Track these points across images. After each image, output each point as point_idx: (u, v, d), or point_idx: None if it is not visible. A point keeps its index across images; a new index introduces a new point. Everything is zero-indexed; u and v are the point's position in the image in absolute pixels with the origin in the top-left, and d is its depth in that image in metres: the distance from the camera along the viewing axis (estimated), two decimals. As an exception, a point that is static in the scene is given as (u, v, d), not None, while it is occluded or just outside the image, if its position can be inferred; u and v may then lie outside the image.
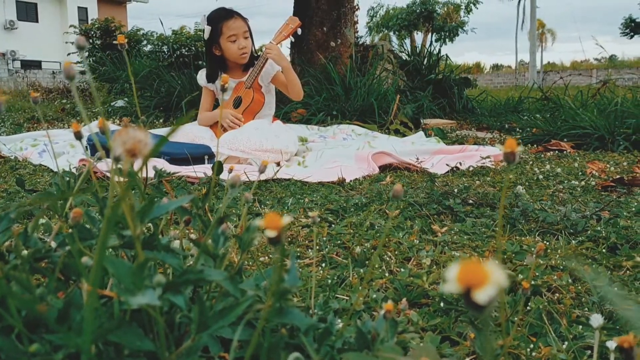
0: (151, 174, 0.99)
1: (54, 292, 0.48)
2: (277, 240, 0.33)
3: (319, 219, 0.92)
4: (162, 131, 3.19)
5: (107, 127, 0.61)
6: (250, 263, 1.10)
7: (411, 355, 0.46)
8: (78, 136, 0.61)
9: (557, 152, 3.16)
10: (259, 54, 2.97)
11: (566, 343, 0.75)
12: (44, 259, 0.55)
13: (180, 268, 0.53)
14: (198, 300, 0.44)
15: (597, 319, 0.56)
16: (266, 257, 1.13)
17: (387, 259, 1.13)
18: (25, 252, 0.62)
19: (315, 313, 0.73)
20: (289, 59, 5.97)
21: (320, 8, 5.27)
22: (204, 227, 0.67)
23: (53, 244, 0.65)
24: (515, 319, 0.83)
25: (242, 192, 1.74)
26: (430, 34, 28.29)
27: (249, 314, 0.55)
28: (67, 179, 0.77)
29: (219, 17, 2.82)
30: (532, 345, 0.73)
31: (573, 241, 1.26)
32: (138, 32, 10.74)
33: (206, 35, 2.84)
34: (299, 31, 2.95)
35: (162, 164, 2.20)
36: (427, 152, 2.76)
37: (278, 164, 2.56)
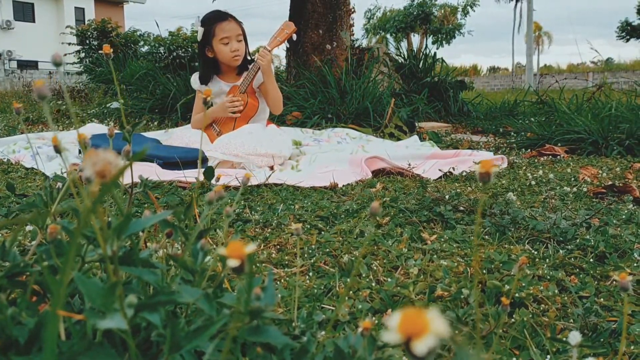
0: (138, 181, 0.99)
1: (27, 310, 0.48)
2: (240, 269, 0.33)
3: (302, 231, 0.91)
4: (155, 134, 3.19)
5: (87, 139, 0.61)
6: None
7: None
8: (57, 150, 0.61)
9: (550, 157, 3.17)
10: (253, 57, 2.97)
11: (549, 357, 0.75)
12: (22, 274, 0.54)
13: (157, 284, 0.53)
14: (170, 320, 0.44)
15: (575, 337, 0.56)
16: (252, 266, 1.13)
17: (375, 267, 1.13)
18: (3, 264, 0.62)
19: (297, 326, 0.73)
20: (284, 62, 5.96)
21: (316, 11, 5.27)
22: (186, 240, 0.67)
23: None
24: (501, 331, 0.83)
25: (231, 199, 1.74)
26: (427, 36, 28.31)
27: (226, 332, 0.55)
28: (50, 189, 0.77)
29: (213, 19, 2.82)
30: (514, 359, 0.73)
31: (561, 250, 1.26)
32: (135, 33, 10.75)
33: (199, 37, 2.84)
34: (294, 36, 2.95)
35: (154, 168, 2.19)
36: (420, 156, 2.76)
37: (272, 168, 2.56)
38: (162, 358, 0.45)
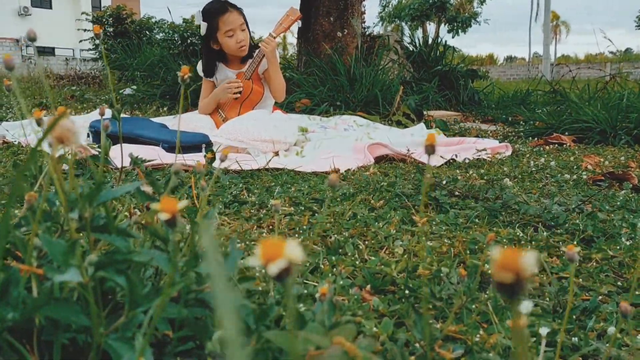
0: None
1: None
2: (171, 223, 0.36)
3: (279, 208, 0.94)
4: (164, 119, 3.23)
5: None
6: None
7: (331, 334, 0.49)
8: (39, 123, 0.64)
9: (557, 145, 3.16)
10: (257, 43, 2.99)
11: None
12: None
13: (127, 250, 0.56)
14: (128, 280, 0.47)
15: (526, 306, 0.58)
16: (242, 244, 1.16)
17: (361, 247, 1.16)
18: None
19: (272, 297, 0.76)
20: (295, 49, 5.95)
21: (327, -2, 5.26)
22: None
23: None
24: (474, 306, 0.86)
25: (232, 181, 1.77)
26: (442, 24, 28.08)
27: (193, 294, 0.58)
28: (40, 164, 0.80)
29: (215, 12, 2.82)
30: (481, 332, 0.75)
31: (544, 233, 1.28)
32: (149, 20, 10.80)
33: (202, 32, 2.85)
34: (300, 23, 2.96)
35: (158, 151, 2.23)
36: (424, 144, 2.77)
37: (276, 154, 2.59)
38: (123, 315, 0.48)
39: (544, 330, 0.60)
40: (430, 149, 0.50)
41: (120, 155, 0.99)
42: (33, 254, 0.51)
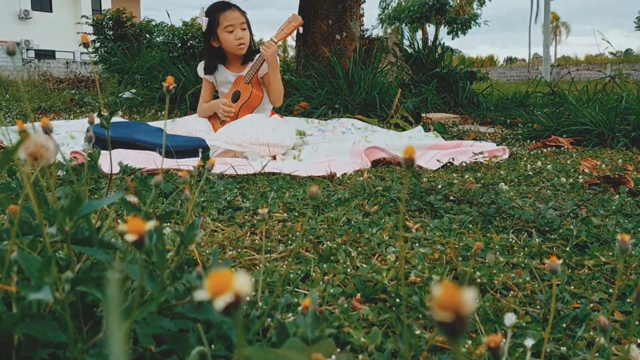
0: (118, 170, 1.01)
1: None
2: (139, 244, 0.36)
3: (268, 216, 0.94)
4: (160, 123, 3.23)
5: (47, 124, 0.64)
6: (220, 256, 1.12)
7: (309, 350, 0.48)
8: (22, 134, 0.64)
9: (554, 148, 3.16)
10: (259, 47, 3.00)
11: (504, 340, 0.76)
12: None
13: (109, 263, 0.55)
14: (105, 295, 0.47)
15: (510, 318, 0.58)
16: (234, 252, 1.16)
17: (354, 254, 1.15)
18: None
19: (260, 307, 0.76)
20: (294, 51, 5.95)
21: (325, 1, 5.26)
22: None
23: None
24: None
25: (227, 187, 1.76)
26: (441, 26, 28.07)
27: (177, 307, 0.58)
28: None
29: (216, 9, 2.86)
30: (469, 342, 0.75)
31: (538, 239, 1.28)
32: (149, 23, 10.81)
33: (204, 27, 2.88)
34: (301, 29, 2.98)
35: (153, 156, 2.23)
36: (421, 147, 2.77)
37: (274, 158, 2.59)
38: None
39: (529, 342, 0.60)
40: (409, 162, 0.50)
41: (110, 162, 0.99)
42: (13, 269, 0.51)
